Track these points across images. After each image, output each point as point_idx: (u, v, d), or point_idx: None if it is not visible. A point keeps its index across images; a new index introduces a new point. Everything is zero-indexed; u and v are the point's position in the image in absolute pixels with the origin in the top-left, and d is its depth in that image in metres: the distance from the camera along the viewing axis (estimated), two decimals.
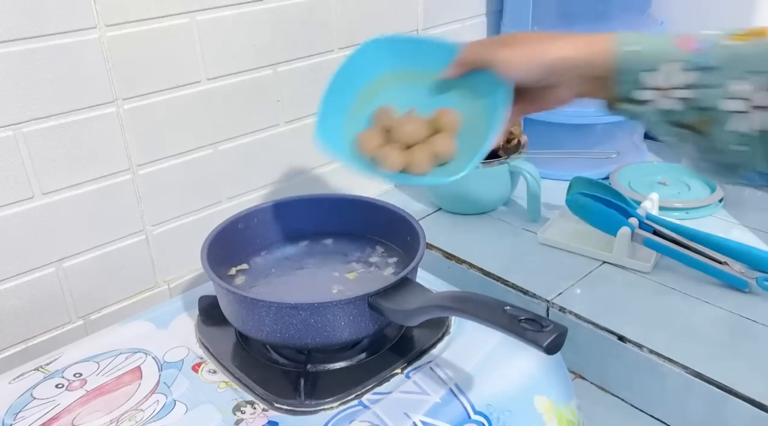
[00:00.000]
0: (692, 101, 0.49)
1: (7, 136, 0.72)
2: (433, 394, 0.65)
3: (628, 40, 0.52)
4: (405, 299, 0.64)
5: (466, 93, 0.63)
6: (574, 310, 0.88)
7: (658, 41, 0.51)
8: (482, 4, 1.23)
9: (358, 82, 0.66)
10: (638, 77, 0.51)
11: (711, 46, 0.49)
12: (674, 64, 0.49)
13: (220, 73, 0.87)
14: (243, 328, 0.69)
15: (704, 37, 0.49)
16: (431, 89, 0.65)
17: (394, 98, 0.66)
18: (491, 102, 0.60)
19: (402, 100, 0.65)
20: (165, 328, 0.77)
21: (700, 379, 0.76)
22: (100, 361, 0.71)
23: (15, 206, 0.75)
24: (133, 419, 0.63)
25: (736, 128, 0.48)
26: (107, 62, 0.77)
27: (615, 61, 0.52)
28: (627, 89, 0.52)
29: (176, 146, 0.86)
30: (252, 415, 0.63)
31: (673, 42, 0.50)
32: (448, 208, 1.14)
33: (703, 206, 1.08)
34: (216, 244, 0.74)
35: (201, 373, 0.69)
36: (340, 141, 0.65)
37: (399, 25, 1.08)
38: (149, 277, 0.90)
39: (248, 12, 0.88)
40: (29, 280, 0.79)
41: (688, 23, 1.22)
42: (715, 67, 0.48)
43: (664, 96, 0.50)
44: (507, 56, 0.56)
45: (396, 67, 0.66)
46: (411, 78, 0.65)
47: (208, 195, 0.92)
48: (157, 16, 0.79)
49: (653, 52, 0.50)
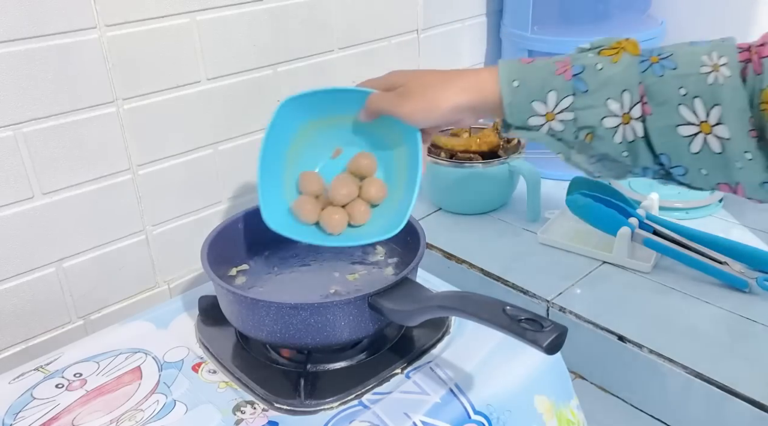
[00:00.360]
0: (575, 121, 0.56)
1: (7, 136, 0.72)
2: (433, 394, 0.65)
3: (513, 75, 0.57)
4: (405, 299, 0.64)
5: (381, 132, 0.68)
6: (574, 310, 0.88)
7: (541, 72, 0.56)
8: (482, 4, 1.23)
9: (284, 145, 0.70)
10: (529, 107, 0.56)
11: (585, 70, 0.55)
12: (557, 92, 0.55)
13: (220, 73, 0.87)
14: (243, 328, 0.69)
15: (579, 60, 0.56)
16: (351, 129, 0.69)
17: (318, 144, 0.70)
18: (405, 141, 0.66)
19: (325, 145, 0.70)
20: (165, 328, 0.77)
21: (700, 379, 0.76)
22: (100, 361, 0.71)
23: (15, 206, 0.75)
24: (133, 419, 0.63)
25: (615, 140, 0.55)
26: (107, 62, 0.77)
27: (505, 98, 0.57)
28: (520, 118, 0.57)
29: (176, 146, 0.86)
30: (252, 415, 0.63)
31: (554, 71, 0.56)
32: (448, 208, 1.14)
33: (703, 206, 1.08)
34: (216, 244, 0.74)
35: (201, 373, 0.69)
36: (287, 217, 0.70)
37: (399, 25, 1.08)
38: (149, 277, 0.90)
39: (248, 12, 0.88)
40: (29, 280, 0.79)
41: (688, 23, 1.22)
42: (590, 90, 0.55)
43: (552, 119, 0.56)
44: (407, 111, 0.61)
45: (313, 117, 0.69)
46: (330, 123, 0.69)
47: (208, 195, 0.92)
48: (157, 16, 0.79)
49: (538, 83, 0.56)
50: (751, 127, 0.51)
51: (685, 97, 0.53)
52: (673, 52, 0.54)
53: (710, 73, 0.52)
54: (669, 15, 1.22)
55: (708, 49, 0.53)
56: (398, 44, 1.09)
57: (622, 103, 0.54)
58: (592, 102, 0.55)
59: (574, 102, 0.55)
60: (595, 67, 0.55)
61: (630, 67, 0.54)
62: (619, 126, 0.55)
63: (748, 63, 0.51)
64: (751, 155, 0.51)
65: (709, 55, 0.52)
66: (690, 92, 0.52)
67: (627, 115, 0.55)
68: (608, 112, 0.55)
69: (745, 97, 0.51)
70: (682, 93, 0.53)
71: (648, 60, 0.54)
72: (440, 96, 0.59)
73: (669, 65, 0.54)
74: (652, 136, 0.55)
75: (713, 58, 0.52)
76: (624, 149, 0.56)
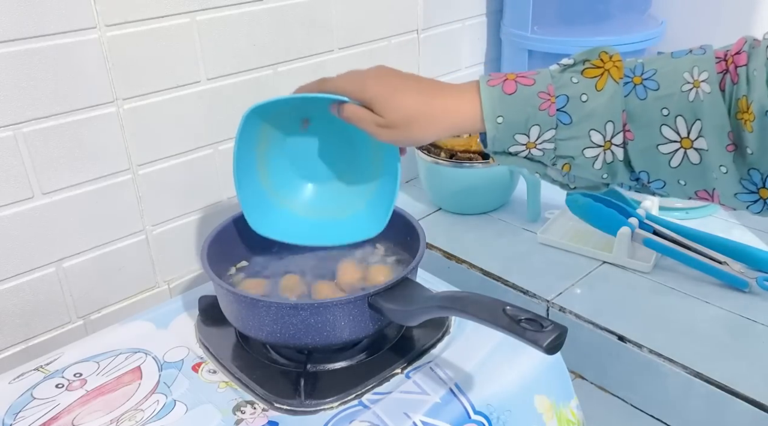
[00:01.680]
0: (555, 150, 0.56)
1: (7, 136, 0.72)
2: (433, 394, 0.65)
3: (497, 111, 0.56)
4: (405, 299, 0.64)
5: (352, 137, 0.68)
6: (574, 310, 0.88)
7: (524, 106, 0.56)
8: (482, 4, 1.23)
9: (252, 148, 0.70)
10: (512, 139, 0.56)
11: (569, 103, 0.55)
12: (540, 127, 0.55)
13: (220, 73, 0.87)
14: (243, 328, 0.69)
15: (562, 89, 0.55)
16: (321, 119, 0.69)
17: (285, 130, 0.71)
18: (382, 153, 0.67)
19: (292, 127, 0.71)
20: (165, 328, 0.77)
21: (700, 379, 0.76)
22: (100, 361, 0.71)
23: (15, 206, 0.75)
24: (133, 419, 0.63)
25: (594, 166, 0.56)
26: (107, 62, 0.77)
27: (489, 132, 0.57)
28: (501, 147, 0.57)
29: (176, 146, 0.86)
30: (252, 415, 0.63)
31: (538, 105, 0.55)
32: (448, 208, 1.14)
33: (703, 206, 1.08)
34: (216, 244, 0.74)
35: (201, 373, 0.69)
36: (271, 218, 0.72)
37: (399, 25, 1.08)
38: (149, 277, 0.90)
39: (248, 12, 0.88)
40: (29, 280, 0.79)
41: (688, 23, 1.22)
42: (574, 122, 0.55)
43: (533, 148, 0.56)
44: (387, 139, 0.60)
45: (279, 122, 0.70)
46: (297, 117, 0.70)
47: (208, 195, 0.92)
48: (157, 16, 0.79)
49: (522, 118, 0.55)
50: (729, 141, 0.51)
51: (667, 118, 0.53)
52: (656, 69, 0.54)
53: (691, 89, 0.52)
54: (669, 15, 1.22)
55: (689, 64, 0.53)
56: (398, 44, 1.09)
57: (605, 133, 0.55)
58: (575, 133, 0.55)
59: (556, 134, 0.55)
60: (580, 99, 0.55)
61: (614, 96, 0.54)
62: (599, 154, 0.56)
63: (725, 74, 0.51)
64: (726, 169, 0.52)
65: (690, 71, 0.52)
66: (672, 112, 0.53)
67: (608, 142, 0.55)
68: (590, 144, 0.55)
69: (724, 112, 0.51)
70: (665, 113, 0.53)
71: (631, 82, 0.54)
72: (424, 132, 0.59)
73: (651, 86, 0.54)
74: (633, 158, 0.55)
75: (694, 75, 0.52)
76: (603, 172, 0.57)
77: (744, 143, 0.50)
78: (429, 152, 1.09)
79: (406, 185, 1.21)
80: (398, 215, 0.79)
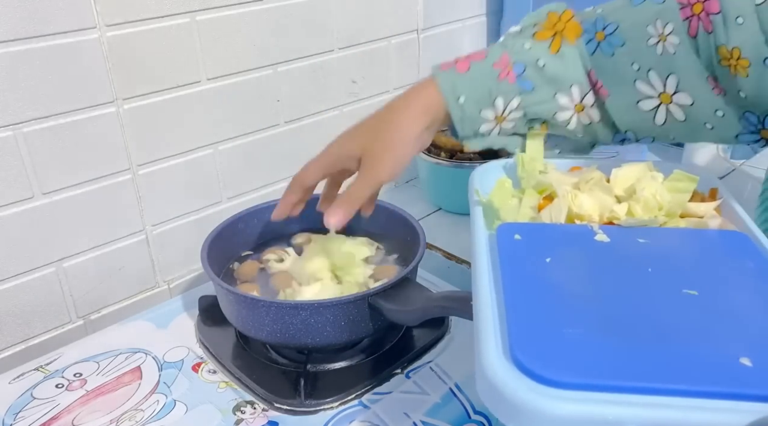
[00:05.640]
0: (525, 116, 0.55)
1: (7, 136, 0.72)
2: (433, 394, 0.65)
3: (457, 91, 0.55)
4: (405, 299, 0.64)
5: None
6: None
7: (483, 80, 0.55)
8: (482, 4, 1.23)
9: None
10: (479, 116, 0.55)
11: (527, 69, 0.54)
12: (504, 97, 0.54)
13: (220, 73, 0.87)
14: (243, 328, 0.69)
15: (517, 56, 0.55)
16: None
17: None
18: None
19: None
20: (165, 328, 0.77)
21: None
22: (100, 361, 0.71)
23: (15, 206, 0.75)
24: (133, 419, 0.63)
25: (570, 127, 0.55)
26: (107, 62, 0.77)
27: (454, 115, 0.56)
28: (471, 129, 0.56)
29: (176, 146, 0.86)
30: (252, 415, 0.63)
31: (497, 76, 0.54)
32: (448, 208, 1.14)
33: None
34: (216, 244, 0.74)
35: (201, 373, 0.69)
36: None
37: (399, 25, 1.08)
38: (149, 277, 0.90)
39: (248, 12, 0.87)
40: (29, 280, 0.79)
41: None
42: (537, 87, 0.54)
43: (502, 121, 0.56)
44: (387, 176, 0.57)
45: None
46: None
47: (208, 195, 0.92)
48: (157, 16, 0.79)
49: (484, 93, 0.55)
50: (713, 85, 0.51)
51: (639, 72, 0.52)
52: (618, 23, 0.53)
53: (658, 43, 0.51)
54: None
55: (652, 16, 0.52)
56: (398, 44, 1.09)
57: (572, 96, 0.54)
58: (541, 98, 0.55)
59: (522, 101, 0.55)
60: (537, 64, 0.54)
61: (574, 59, 0.54)
62: (572, 117, 0.55)
63: (691, 20, 0.50)
64: (722, 112, 0.51)
65: (654, 24, 0.52)
66: (643, 66, 0.52)
67: (579, 105, 0.55)
68: (558, 107, 0.55)
69: (697, 60, 0.50)
70: (635, 68, 0.52)
71: (594, 39, 0.54)
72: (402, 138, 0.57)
73: (617, 42, 0.53)
74: (615, 116, 0.55)
75: (658, 28, 0.51)
76: (581, 132, 0.56)
77: (736, 87, 0.50)
78: (429, 152, 1.09)
79: (406, 185, 1.21)
80: (398, 215, 0.79)
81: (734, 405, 0.35)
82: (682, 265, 0.47)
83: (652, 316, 0.41)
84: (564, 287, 0.44)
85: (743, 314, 0.42)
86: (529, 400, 0.35)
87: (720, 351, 0.38)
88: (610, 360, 0.37)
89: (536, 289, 0.43)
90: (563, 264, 0.46)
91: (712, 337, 0.39)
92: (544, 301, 0.42)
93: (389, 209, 0.80)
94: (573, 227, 0.52)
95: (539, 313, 0.41)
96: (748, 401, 0.35)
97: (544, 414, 0.35)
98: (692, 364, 0.37)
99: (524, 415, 0.36)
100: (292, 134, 0.98)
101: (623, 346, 0.38)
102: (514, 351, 0.38)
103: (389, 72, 1.09)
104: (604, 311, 0.41)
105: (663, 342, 0.39)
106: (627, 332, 0.39)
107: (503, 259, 0.47)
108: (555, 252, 0.47)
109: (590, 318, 0.41)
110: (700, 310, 0.42)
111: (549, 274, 0.45)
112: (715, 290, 0.44)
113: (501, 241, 0.49)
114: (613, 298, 0.43)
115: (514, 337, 0.39)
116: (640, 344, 0.39)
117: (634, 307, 0.42)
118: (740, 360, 0.37)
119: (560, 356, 0.37)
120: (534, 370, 0.36)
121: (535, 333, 0.39)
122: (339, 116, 1.03)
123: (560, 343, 0.39)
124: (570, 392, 0.36)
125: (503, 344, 0.39)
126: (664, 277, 0.45)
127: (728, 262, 0.47)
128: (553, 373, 0.36)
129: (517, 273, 0.45)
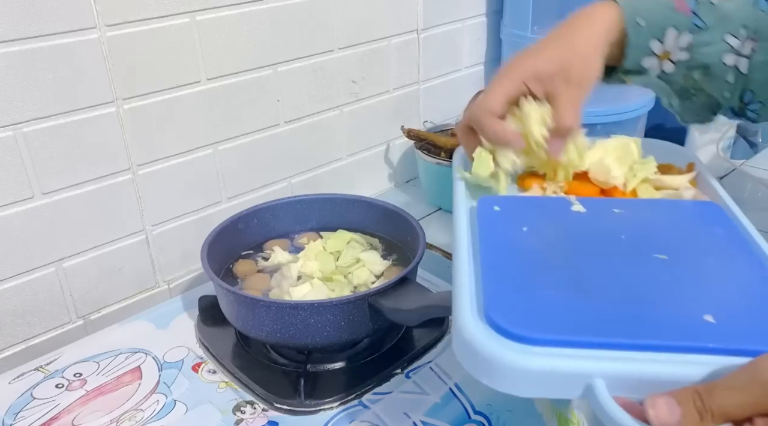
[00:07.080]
0: (690, 60, 0.53)
1: (7, 136, 0.72)
2: (433, 394, 0.65)
3: (637, 11, 0.53)
4: (405, 299, 0.64)
5: None
6: None
7: (658, 7, 0.53)
8: (482, 4, 1.23)
9: None
10: (647, 46, 0.53)
11: (699, 5, 0.52)
12: (677, 29, 0.52)
13: (220, 73, 0.87)
14: (243, 328, 0.69)
15: None
16: None
17: None
18: None
19: None
20: (165, 328, 0.77)
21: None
22: (100, 361, 0.71)
23: (15, 206, 0.75)
24: (133, 419, 0.63)
25: (726, 79, 0.53)
26: (107, 62, 0.77)
27: (631, 38, 0.54)
28: (634, 60, 0.54)
29: (176, 146, 0.86)
30: (252, 415, 0.63)
31: (673, 6, 0.52)
32: (448, 208, 1.14)
33: None
34: (216, 244, 0.74)
35: (201, 373, 0.69)
36: None
37: (399, 25, 1.08)
38: (149, 277, 0.90)
39: (248, 12, 0.87)
40: (29, 280, 0.79)
41: None
42: (708, 26, 0.52)
43: (665, 59, 0.53)
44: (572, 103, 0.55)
45: None
46: None
47: (208, 195, 0.92)
48: (157, 16, 0.79)
49: (660, 19, 0.53)
50: None
51: None
52: None
53: None
54: None
55: None
56: (398, 44, 1.09)
57: (741, 38, 0.52)
58: (710, 38, 0.52)
59: (692, 40, 0.52)
60: (709, 1, 0.52)
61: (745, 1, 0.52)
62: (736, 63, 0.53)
63: None
64: None
65: None
66: None
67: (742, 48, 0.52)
68: (728, 49, 0.52)
69: None
70: None
71: None
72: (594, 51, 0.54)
73: None
74: (753, 72, 0.53)
75: None
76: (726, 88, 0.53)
77: None
78: (429, 152, 1.09)
79: (406, 185, 1.21)
80: (398, 215, 0.79)
81: (697, 358, 0.36)
82: (655, 233, 0.48)
83: (623, 278, 0.43)
84: (539, 253, 0.46)
85: (709, 276, 0.44)
86: (499, 355, 0.37)
87: (685, 309, 0.40)
88: (579, 318, 0.39)
89: (512, 255, 0.45)
90: (539, 232, 0.48)
91: (679, 297, 0.41)
92: (518, 266, 0.44)
93: (389, 209, 0.80)
94: (551, 199, 0.54)
95: (513, 277, 0.43)
96: (710, 354, 0.36)
97: (514, 368, 0.37)
98: (658, 321, 0.39)
99: (497, 370, 0.37)
100: (292, 134, 0.98)
101: (592, 306, 0.40)
102: (487, 311, 0.40)
103: (389, 72, 1.09)
104: (576, 275, 0.43)
105: (631, 302, 0.40)
106: (597, 293, 0.41)
107: (482, 228, 0.49)
108: (532, 221, 0.50)
109: (562, 281, 0.43)
110: (669, 273, 0.43)
111: (525, 242, 0.47)
112: (684, 255, 0.46)
113: (481, 212, 0.51)
114: (586, 263, 0.45)
115: (488, 298, 0.41)
116: (609, 304, 0.40)
117: (605, 271, 0.44)
118: (704, 317, 0.39)
119: (531, 315, 0.39)
120: (506, 328, 0.38)
121: (508, 294, 0.41)
122: (339, 116, 1.03)
123: (532, 303, 0.40)
124: (540, 348, 0.37)
125: (478, 306, 0.41)
126: (636, 244, 0.47)
127: (699, 230, 0.49)
128: (524, 330, 0.38)
129: (495, 240, 0.47)
